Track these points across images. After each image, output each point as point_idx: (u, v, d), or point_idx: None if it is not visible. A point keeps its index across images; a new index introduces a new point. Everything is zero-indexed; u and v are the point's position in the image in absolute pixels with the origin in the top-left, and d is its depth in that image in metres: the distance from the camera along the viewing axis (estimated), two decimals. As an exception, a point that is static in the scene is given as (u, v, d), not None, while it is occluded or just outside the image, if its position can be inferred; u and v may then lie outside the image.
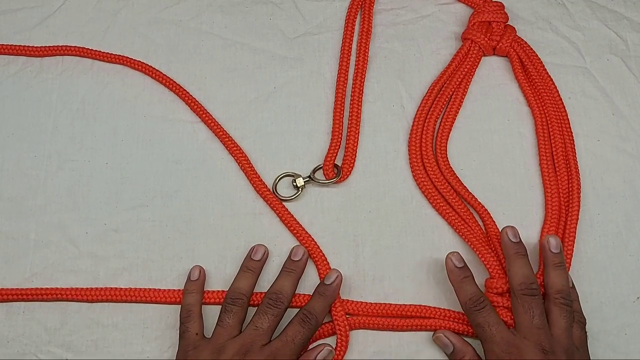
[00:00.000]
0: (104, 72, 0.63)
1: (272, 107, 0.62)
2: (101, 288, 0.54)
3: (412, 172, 0.59)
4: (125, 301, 0.53)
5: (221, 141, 0.60)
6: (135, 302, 0.53)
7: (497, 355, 0.48)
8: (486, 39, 0.63)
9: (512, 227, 0.54)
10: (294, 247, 0.55)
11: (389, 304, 0.54)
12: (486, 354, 0.49)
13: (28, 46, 0.63)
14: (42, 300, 0.53)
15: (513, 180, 0.59)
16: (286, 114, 0.61)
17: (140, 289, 0.54)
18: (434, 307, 0.54)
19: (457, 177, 0.58)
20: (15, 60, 0.63)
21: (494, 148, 0.60)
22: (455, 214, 0.57)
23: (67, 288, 0.53)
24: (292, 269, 0.53)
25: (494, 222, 0.56)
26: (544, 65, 0.63)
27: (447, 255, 0.53)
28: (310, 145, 0.60)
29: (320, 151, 0.60)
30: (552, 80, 0.62)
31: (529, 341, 0.48)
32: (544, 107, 0.61)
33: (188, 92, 0.61)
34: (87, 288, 0.54)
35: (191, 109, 0.61)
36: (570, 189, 0.58)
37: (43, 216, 0.56)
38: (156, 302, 0.53)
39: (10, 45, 0.63)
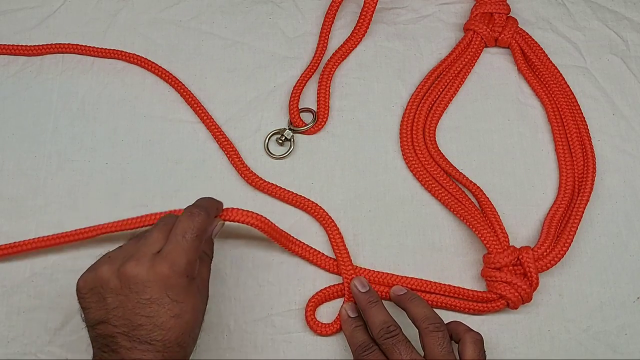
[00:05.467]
0: (104, 72, 0.63)
1: (272, 106, 0.62)
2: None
3: (403, 156, 0.59)
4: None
5: (211, 133, 0.60)
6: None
7: None
8: (488, 29, 0.63)
9: (359, 277, 0.53)
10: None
11: (396, 274, 0.55)
12: None
13: (28, 46, 0.63)
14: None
15: (513, 180, 0.59)
16: (286, 112, 0.61)
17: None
18: (439, 283, 0.54)
19: (446, 158, 0.59)
20: (15, 60, 0.63)
21: (494, 148, 0.60)
22: (449, 194, 0.57)
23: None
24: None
25: (487, 197, 0.57)
26: (547, 55, 0.63)
27: (352, 282, 0.53)
28: (310, 143, 0.60)
29: (320, 149, 0.60)
30: (556, 68, 0.62)
31: None
32: (552, 95, 0.61)
33: (184, 85, 0.61)
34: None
35: (187, 102, 0.61)
36: (586, 171, 0.58)
37: (43, 216, 0.56)
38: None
39: (10, 45, 0.63)
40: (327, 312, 0.54)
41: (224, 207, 0.49)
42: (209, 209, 0.46)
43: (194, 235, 0.43)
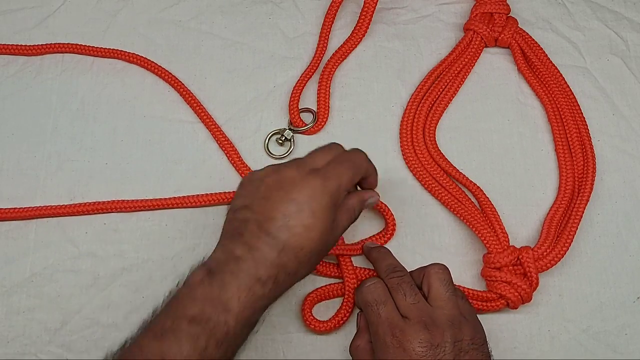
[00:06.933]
0: (104, 72, 0.63)
1: (272, 107, 0.62)
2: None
3: (403, 156, 0.60)
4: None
5: (211, 133, 0.60)
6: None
7: (382, 337, 0.46)
8: (488, 29, 0.63)
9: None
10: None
11: None
12: (372, 337, 0.48)
13: (28, 46, 0.63)
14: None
15: (513, 180, 0.59)
16: (286, 113, 0.61)
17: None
18: None
19: (446, 158, 0.59)
20: (15, 60, 0.63)
21: (494, 148, 0.61)
22: (449, 194, 0.57)
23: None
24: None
25: (487, 197, 0.57)
26: (547, 55, 0.63)
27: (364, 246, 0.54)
28: (310, 144, 0.60)
29: (320, 151, 0.60)
30: (556, 68, 0.62)
31: (410, 320, 0.46)
32: (552, 95, 0.61)
33: (184, 85, 0.61)
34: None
35: (185, 101, 0.61)
36: (586, 171, 0.58)
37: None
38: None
39: (10, 45, 0.63)
40: (327, 312, 0.54)
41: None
42: (369, 170, 0.51)
43: (350, 169, 0.48)
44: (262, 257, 0.43)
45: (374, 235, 0.56)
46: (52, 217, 0.56)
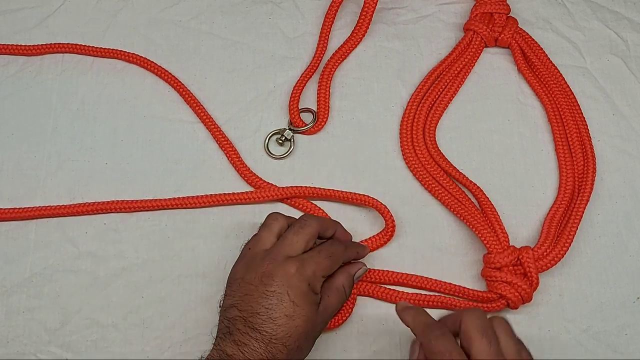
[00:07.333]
0: (104, 72, 0.63)
1: (272, 106, 0.62)
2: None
3: (403, 156, 0.60)
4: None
5: (211, 133, 0.60)
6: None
7: None
8: (488, 29, 0.63)
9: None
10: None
11: (397, 272, 0.55)
12: None
13: (28, 46, 0.63)
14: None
15: (513, 180, 0.59)
16: (286, 113, 0.61)
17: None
18: (440, 281, 0.55)
19: (446, 158, 0.59)
20: (15, 60, 0.63)
21: (494, 148, 0.61)
22: (449, 194, 0.57)
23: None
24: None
25: (487, 197, 0.57)
26: (547, 55, 0.63)
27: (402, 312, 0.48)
28: (310, 144, 0.60)
29: (320, 149, 0.60)
30: (556, 68, 0.63)
31: None
32: (552, 95, 0.61)
33: (184, 85, 0.62)
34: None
35: (185, 101, 0.61)
36: (586, 171, 0.58)
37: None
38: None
39: (10, 45, 0.63)
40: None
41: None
42: (348, 246, 0.52)
43: (327, 259, 0.49)
44: (252, 352, 0.45)
45: (374, 236, 0.56)
46: (52, 217, 0.56)
